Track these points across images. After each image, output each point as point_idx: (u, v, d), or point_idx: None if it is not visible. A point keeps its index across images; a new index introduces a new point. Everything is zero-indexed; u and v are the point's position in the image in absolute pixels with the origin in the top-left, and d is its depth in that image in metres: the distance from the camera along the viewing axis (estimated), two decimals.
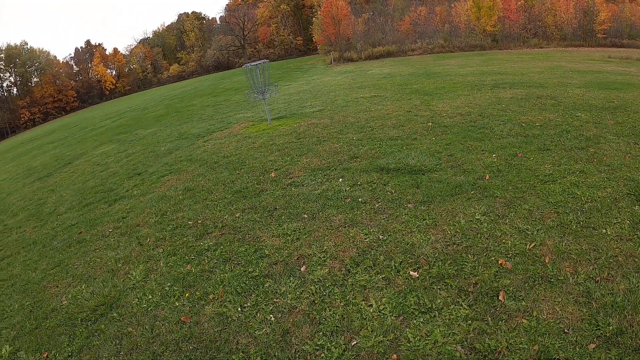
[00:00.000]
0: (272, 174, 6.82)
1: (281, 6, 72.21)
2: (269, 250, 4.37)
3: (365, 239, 4.26)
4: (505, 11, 41.89)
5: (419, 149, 6.98)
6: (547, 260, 3.52)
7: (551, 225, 4.08)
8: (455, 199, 4.90)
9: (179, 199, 6.60)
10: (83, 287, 4.51)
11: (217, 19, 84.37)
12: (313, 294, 3.54)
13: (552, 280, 3.28)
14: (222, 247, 4.69)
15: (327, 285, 3.63)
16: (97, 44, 78.60)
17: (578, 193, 4.71)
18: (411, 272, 3.61)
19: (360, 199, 5.25)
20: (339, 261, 3.95)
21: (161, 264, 4.61)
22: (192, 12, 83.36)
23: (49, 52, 69.29)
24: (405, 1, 57.81)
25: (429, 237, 4.13)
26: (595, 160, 5.71)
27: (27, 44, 67.13)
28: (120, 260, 4.94)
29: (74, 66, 76.04)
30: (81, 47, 78.01)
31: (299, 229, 4.71)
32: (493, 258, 3.68)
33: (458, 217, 4.47)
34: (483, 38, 42.14)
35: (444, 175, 5.67)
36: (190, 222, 5.55)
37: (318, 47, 49.63)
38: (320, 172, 6.56)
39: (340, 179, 6.06)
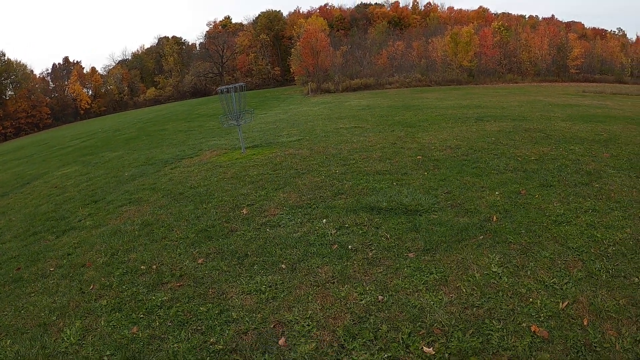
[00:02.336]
0: (244, 211, 5.91)
1: (261, 36, 72.94)
2: (237, 313, 3.43)
3: (361, 300, 3.38)
4: (482, 47, 43.16)
5: (411, 185, 6.24)
6: (585, 323, 2.91)
7: (579, 277, 3.47)
8: (464, 246, 4.13)
9: (134, 234, 5.62)
10: (8, 342, 3.52)
11: (197, 45, 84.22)
12: None
13: (596, 348, 2.69)
14: (178, 304, 3.73)
15: None
16: (75, 61, 76.83)
17: (598, 235, 4.20)
18: (425, 348, 2.76)
19: (349, 246, 4.39)
20: (330, 332, 3.05)
21: (102, 322, 3.62)
22: (173, 37, 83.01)
23: (25, 66, 66.82)
24: (383, 35, 59.17)
25: (440, 297, 3.31)
26: (603, 196, 5.32)
27: (4, 55, 64.68)
28: (56, 311, 3.92)
29: (50, 82, 73.90)
30: (59, 64, 76.04)
31: (276, 284, 3.79)
32: (524, 324, 2.94)
33: (471, 269, 3.68)
34: (459, 73, 43.08)
35: (444, 217, 4.91)
36: (143, 267, 4.58)
37: (295, 78, 49.76)
38: (300, 210, 5.69)
39: (324, 220, 5.19)
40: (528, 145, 8.54)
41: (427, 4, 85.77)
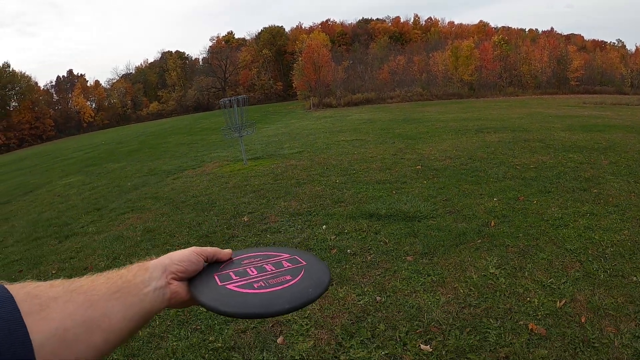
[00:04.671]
0: (245, 218, 5.96)
1: (263, 51, 73.76)
2: None
3: (359, 301, 3.41)
4: (482, 60, 43.47)
5: (410, 193, 6.30)
6: (583, 320, 2.92)
7: (577, 277, 3.50)
8: (461, 250, 4.17)
9: (136, 240, 5.68)
10: None
11: (200, 59, 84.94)
12: None
13: (595, 344, 2.68)
14: None
15: None
16: (79, 74, 77.51)
17: (595, 237, 4.25)
18: (422, 346, 2.79)
19: (348, 250, 4.42)
20: (328, 331, 3.08)
21: None
22: (176, 51, 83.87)
23: (30, 77, 67.34)
24: (385, 50, 59.75)
25: (437, 297, 3.34)
26: (601, 201, 5.38)
27: (9, 66, 65.28)
28: None
29: (54, 94, 74.35)
30: (63, 76, 76.77)
31: None
32: (521, 322, 2.95)
33: (469, 271, 3.72)
34: (460, 87, 43.34)
35: (443, 222, 4.96)
36: None
37: (297, 93, 50.09)
38: (300, 217, 5.73)
39: (324, 226, 5.23)
40: (527, 155, 8.61)
41: (428, 19, 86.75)
